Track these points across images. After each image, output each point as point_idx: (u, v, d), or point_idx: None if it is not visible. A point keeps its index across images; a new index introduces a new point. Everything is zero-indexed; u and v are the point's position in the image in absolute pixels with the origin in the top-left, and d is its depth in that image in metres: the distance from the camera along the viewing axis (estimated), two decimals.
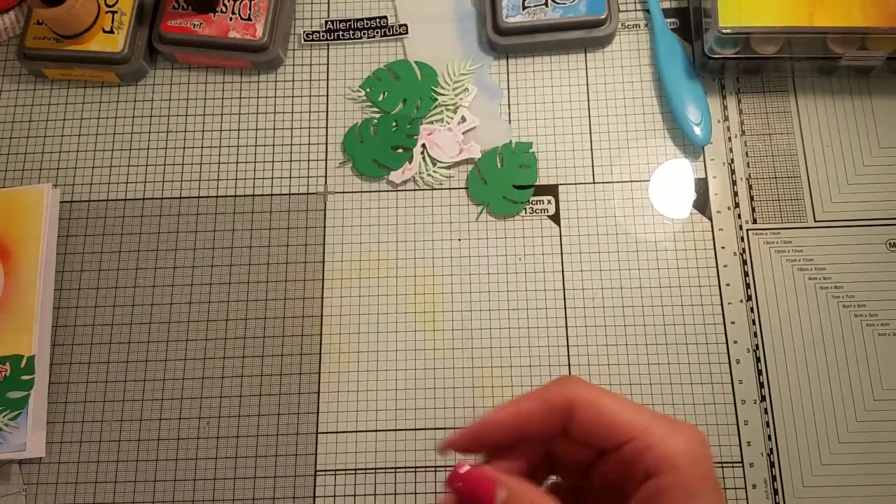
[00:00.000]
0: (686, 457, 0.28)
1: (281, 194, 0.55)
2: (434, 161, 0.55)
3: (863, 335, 0.50)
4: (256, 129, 0.57)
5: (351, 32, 0.58)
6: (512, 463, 0.31)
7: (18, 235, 0.51)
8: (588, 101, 0.56)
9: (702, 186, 0.54)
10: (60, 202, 0.55)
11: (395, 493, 0.48)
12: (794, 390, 0.49)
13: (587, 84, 0.57)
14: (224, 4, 0.57)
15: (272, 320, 0.52)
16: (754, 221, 0.53)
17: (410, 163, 0.55)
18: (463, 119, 0.56)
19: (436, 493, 0.48)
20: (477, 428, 0.31)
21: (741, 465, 0.48)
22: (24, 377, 0.48)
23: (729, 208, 0.53)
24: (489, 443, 0.31)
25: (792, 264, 0.52)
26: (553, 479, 0.33)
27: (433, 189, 0.55)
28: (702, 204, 0.54)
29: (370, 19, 0.59)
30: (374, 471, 0.49)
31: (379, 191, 0.55)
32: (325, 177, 0.56)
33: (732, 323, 0.51)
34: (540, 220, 0.54)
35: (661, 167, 0.55)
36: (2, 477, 0.49)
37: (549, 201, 0.54)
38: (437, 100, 0.56)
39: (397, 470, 0.49)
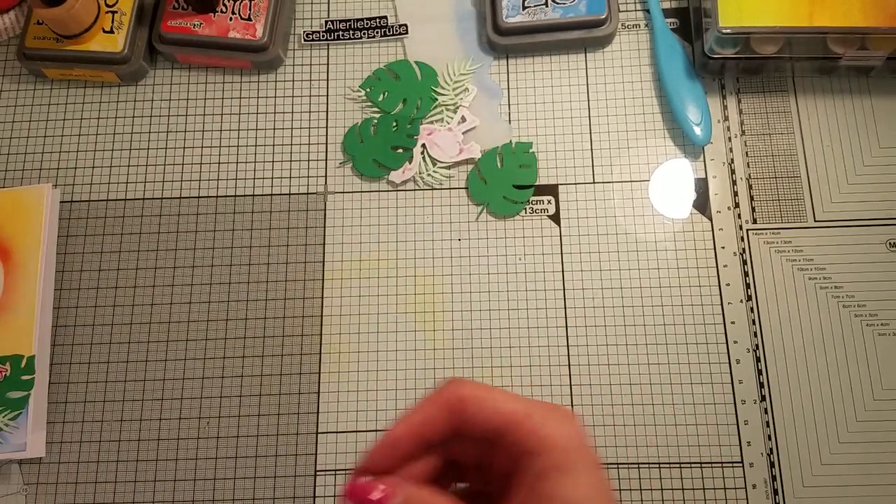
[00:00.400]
0: (560, 438, 0.30)
1: (281, 194, 0.55)
2: (434, 161, 0.55)
3: (863, 335, 0.50)
4: (256, 129, 0.57)
5: (351, 32, 0.58)
6: (415, 470, 0.33)
7: (18, 235, 0.51)
8: (588, 101, 0.56)
9: (702, 186, 0.54)
10: (60, 202, 0.55)
11: None
12: (794, 390, 0.49)
13: (587, 84, 0.57)
14: (224, 4, 0.57)
15: (272, 320, 0.52)
16: (754, 221, 0.53)
17: (410, 163, 0.55)
18: (463, 119, 0.56)
19: None
20: (382, 449, 0.32)
21: (741, 465, 0.48)
22: (25, 377, 0.48)
23: (729, 208, 0.53)
24: (398, 458, 0.32)
25: (792, 264, 0.52)
26: (462, 486, 0.34)
27: (433, 189, 0.55)
28: (702, 204, 0.54)
29: (370, 19, 0.59)
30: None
31: (379, 191, 0.55)
32: (325, 177, 0.56)
33: (732, 323, 0.51)
34: (540, 220, 0.54)
35: (661, 167, 0.55)
36: (2, 477, 0.49)
37: (549, 201, 0.54)
38: (437, 100, 0.56)
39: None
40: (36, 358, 0.49)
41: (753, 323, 0.51)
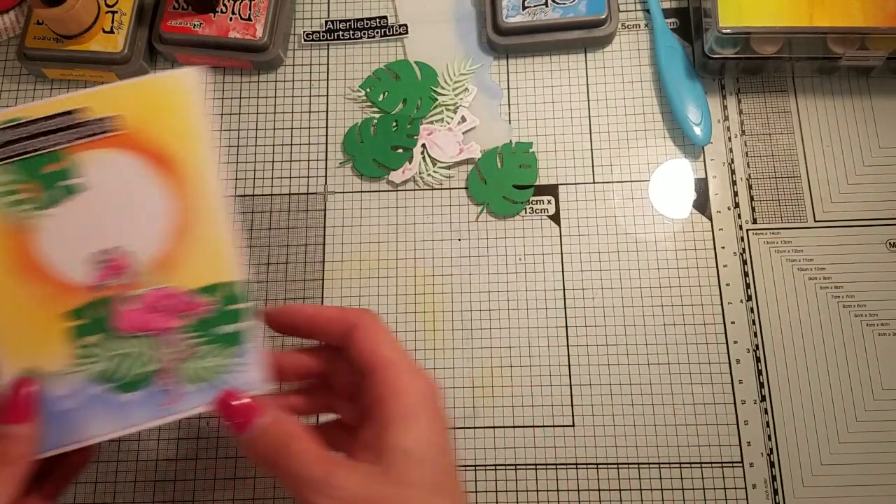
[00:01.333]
0: (409, 389, 0.34)
1: (281, 194, 0.55)
2: (434, 161, 0.55)
3: (863, 335, 0.50)
4: (256, 129, 0.57)
5: (351, 32, 0.59)
6: (293, 400, 0.39)
7: (176, 138, 0.39)
8: (588, 101, 0.56)
9: (702, 186, 0.54)
10: None
11: None
12: (795, 390, 0.49)
13: (587, 84, 0.57)
14: (224, 4, 0.57)
15: None
16: (754, 221, 0.53)
17: (410, 163, 0.55)
18: (463, 119, 0.56)
19: None
20: (285, 308, 0.39)
21: (741, 465, 0.48)
22: (234, 307, 0.38)
23: (729, 208, 0.53)
24: (287, 321, 0.38)
25: (792, 264, 0.52)
26: (331, 417, 0.40)
27: (433, 189, 0.55)
28: (702, 204, 0.54)
29: (370, 19, 0.59)
30: None
31: (379, 191, 0.55)
32: (325, 177, 0.56)
33: (732, 323, 0.51)
34: (540, 220, 0.54)
35: (661, 167, 0.55)
36: None
37: (549, 201, 0.54)
38: (437, 100, 0.56)
39: None
40: (241, 283, 0.39)
41: (753, 323, 0.51)
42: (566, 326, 0.51)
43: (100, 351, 0.37)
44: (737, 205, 0.53)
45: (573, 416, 0.50)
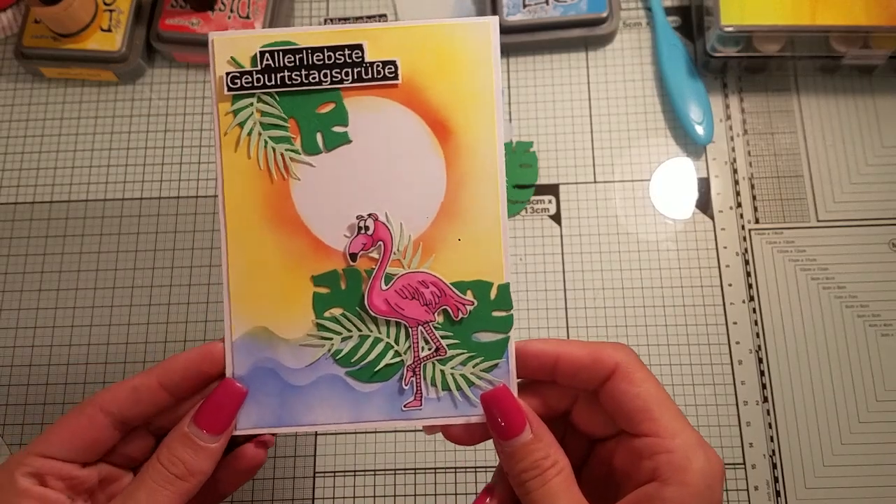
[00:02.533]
0: (700, 477, 0.27)
1: None
2: None
3: (865, 336, 0.50)
4: None
5: None
6: (538, 399, 0.32)
7: (460, 103, 0.33)
8: (589, 99, 0.56)
9: (704, 186, 0.54)
10: (58, 202, 0.55)
11: (395, 495, 0.48)
12: (797, 391, 0.49)
13: (588, 83, 0.56)
14: (222, 2, 0.56)
15: None
16: (757, 221, 0.53)
17: None
18: None
19: (435, 494, 0.48)
20: (520, 347, 0.32)
21: (743, 466, 0.48)
22: (498, 313, 0.33)
23: (731, 208, 0.53)
24: (525, 368, 0.31)
25: (794, 264, 0.52)
26: None
27: None
28: (704, 203, 0.53)
29: (370, 17, 0.58)
30: (373, 472, 0.49)
31: None
32: None
33: (735, 324, 0.51)
34: (541, 220, 0.53)
35: (663, 166, 0.54)
36: None
37: (550, 201, 0.54)
38: None
39: (396, 472, 0.48)
40: (507, 288, 0.33)
41: (756, 324, 0.50)
42: (567, 327, 0.51)
43: (344, 327, 0.32)
44: (739, 204, 0.53)
45: None
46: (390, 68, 0.32)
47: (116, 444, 0.31)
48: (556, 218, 0.53)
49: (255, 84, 0.32)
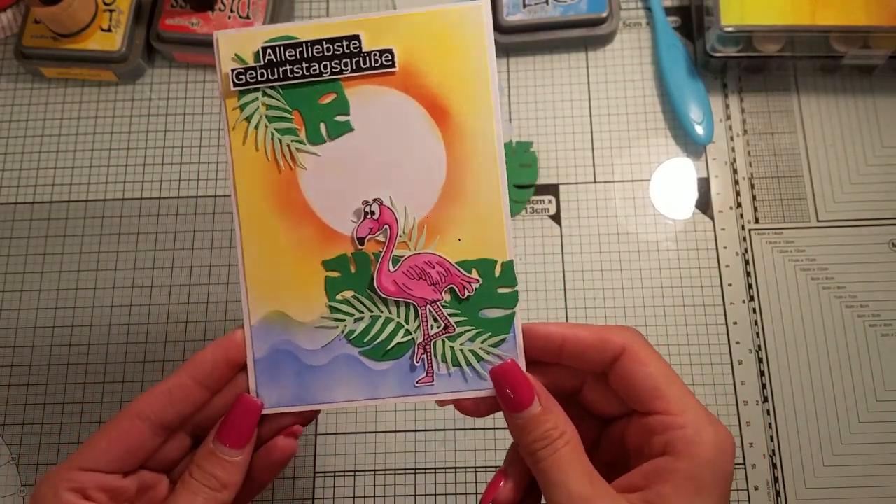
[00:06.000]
0: (711, 450, 0.28)
1: None
2: None
3: (865, 336, 0.50)
4: None
5: None
6: (546, 378, 0.33)
7: (457, 85, 0.34)
8: (589, 99, 0.56)
9: (704, 186, 0.54)
10: (57, 202, 0.55)
11: (395, 495, 0.48)
12: (797, 391, 0.49)
13: (588, 83, 0.56)
14: (222, 2, 0.56)
15: None
16: (756, 221, 0.53)
17: None
18: None
19: (435, 494, 0.48)
20: (527, 328, 0.32)
21: (743, 466, 0.48)
22: (503, 289, 0.34)
23: (731, 208, 0.53)
24: (532, 349, 0.32)
25: (794, 264, 0.52)
26: None
27: None
28: (704, 203, 0.53)
29: None
30: (373, 472, 0.49)
31: None
32: None
33: (735, 324, 0.51)
34: (541, 220, 0.53)
35: (663, 166, 0.54)
36: (3, 478, 0.49)
37: (550, 201, 0.54)
38: None
39: (396, 472, 0.48)
40: (511, 264, 0.34)
41: (756, 324, 0.50)
42: None
43: (356, 309, 0.34)
44: (739, 204, 0.53)
45: None
46: (387, 56, 0.33)
47: (156, 449, 0.32)
48: (556, 218, 0.53)
49: (260, 79, 0.33)
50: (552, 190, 0.54)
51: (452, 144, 0.34)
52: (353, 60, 0.33)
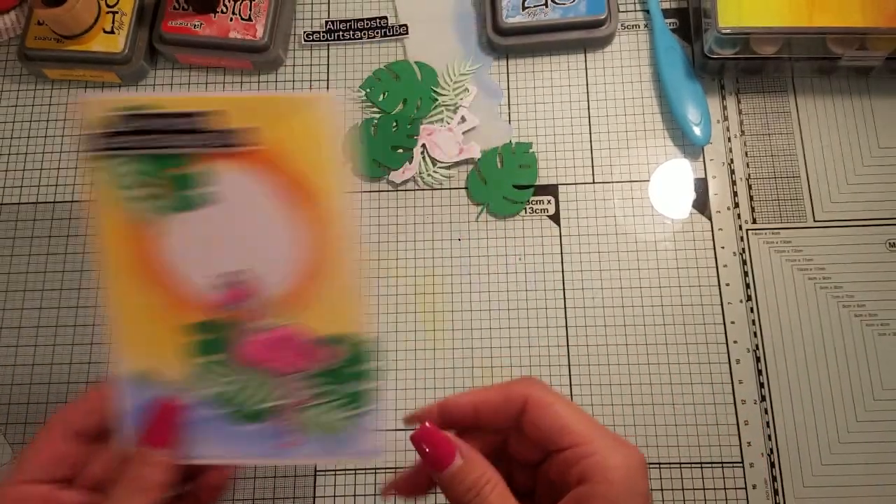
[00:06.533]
0: (620, 472, 0.31)
1: None
2: (434, 161, 0.55)
3: (863, 335, 0.50)
4: None
5: (351, 33, 0.59)
6: (475, 442, 0.35)
7: (316, 168, 0.35)
8: (588, 101, 0.56)
9: (701, 186, 0.54)
10: (58, 202, 0.55)
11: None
12: (795, 390, 0.49)
13: (587, 84, 0.57)
14: (224, 5, 0.57)
15: None
16: (754, 221, 0.53)
17: (410, 163, 0.55)
18: (463, 119, 0.56)
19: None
20: (440, 405, 0.35)
21: (741, 465, 0.48)
22: (363, 365, 0.36)
23: (728, 208, 0.53)
24: (449, 421, 0.35)
25: (792, 264, 0.52)
26: None
27: (433, 189, 0.55)
28: (701, 204, 0.54)
29: (370, 19, 0.59)
30: (374, 471, 0.49)
31: (379, 191, 0.55)
32: None
33: (732, 323, 0.51)
34: (540, 220, 0.54)
35: (661, 167, 0.55)
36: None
37: (549, 201, 0.54)
38: (437, 100, 0.56)
39: (397, 470, 0.49)
40: (369, 339, 0.36)
41: (753, 323, 0.51)
42: (566, 326, 0.51)
43: (217, 374, 0.35)
44: (736, 205, 0.53)
45: None
46: (248, 135, 0.34)
47: (86, 461, 0.34)
48: (556, 218, 0.54)
49: (123, 144, 0.34)
50: (551, 190, 0.54)
51: (314, 224, 0.35)
52: (209, 136, 0.34)
